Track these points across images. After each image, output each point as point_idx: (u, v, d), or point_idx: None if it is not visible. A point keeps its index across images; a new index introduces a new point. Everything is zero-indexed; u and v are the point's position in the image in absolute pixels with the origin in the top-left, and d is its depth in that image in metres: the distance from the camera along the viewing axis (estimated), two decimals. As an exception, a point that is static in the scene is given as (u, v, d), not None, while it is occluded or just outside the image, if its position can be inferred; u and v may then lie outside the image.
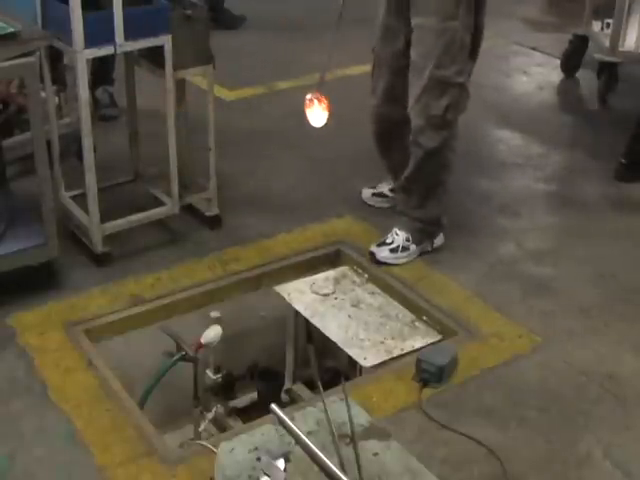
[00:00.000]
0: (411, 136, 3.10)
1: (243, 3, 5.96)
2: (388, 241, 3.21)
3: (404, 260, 3.20)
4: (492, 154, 4.28)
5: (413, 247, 3.22)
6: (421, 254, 3.25)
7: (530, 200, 3.78)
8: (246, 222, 3.50)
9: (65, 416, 2.46)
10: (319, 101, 3.05)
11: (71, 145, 3.54)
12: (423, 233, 3.24)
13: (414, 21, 2.97)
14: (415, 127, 3.07)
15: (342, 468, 1.79)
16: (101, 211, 3.11)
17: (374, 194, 3.61)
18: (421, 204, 3.22)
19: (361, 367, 2.85)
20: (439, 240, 3.31)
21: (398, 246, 3.19)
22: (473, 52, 3.05)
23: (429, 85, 2.98)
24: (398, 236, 3.21)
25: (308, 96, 3.08)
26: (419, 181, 3.19)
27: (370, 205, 3.59)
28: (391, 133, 3.29)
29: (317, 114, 3.09)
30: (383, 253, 3.20)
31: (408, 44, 3.04)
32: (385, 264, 3.19)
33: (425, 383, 2.61)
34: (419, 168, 3.14)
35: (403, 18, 3.02)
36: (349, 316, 3.00)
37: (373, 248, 3.22)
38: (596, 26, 4.88)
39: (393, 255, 3.20)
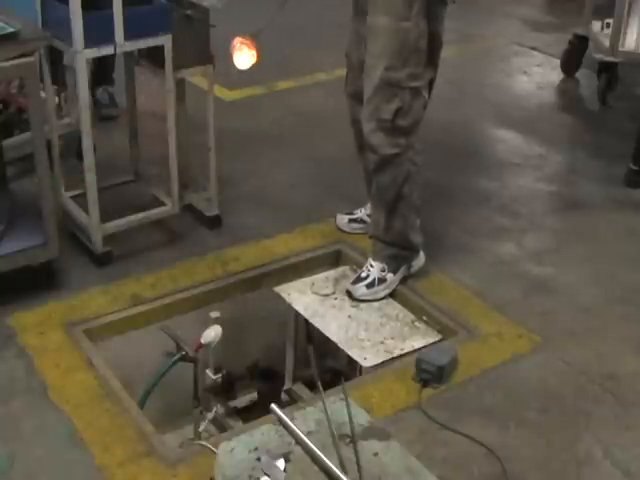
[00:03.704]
0: (364, 140, 2.95)
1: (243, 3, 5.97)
2: (363, 275, 3.07)
3: (383, 293, 3.06)
4: (492, 154, 4.28)
5: (390, 276, 3.06)
6: (404, 278, 3.11)
7: (530, 200, 3.78)
8: (246, 222, 3.50)
9: (65, 416, 2.46)
10: (249, 46, 2.89)
11: (71, 145, 3.54)
12: (398, 259, 3.08)
13: (368, 21, 2.87)
14: (366, 130, 2.91)
15: (342, 468, 1.79)
16: (101, 211, 3.11)
17: (351, 220, 3.44)
18: (388, 223, 3.03)
19: (361, 367, 2.85)
20: (419, 262, 3.16)
21: (374, 280, 3.04)
22: (431, 60, 2.92)
23: (379, 87, 2.84)
24: (373, 268, 3.06)
25: (239, 39, 2.91)
26: (380, 192, 3.02)
27: (345, 232, 3.42)
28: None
29: (244, 57, 2.91)
30: (360, 291, 3.05)
31: None
32: (365, 301, 3.06)
33: (425, 383, 2.61)
34: (376, 175, 2.98)
35: (366, 20, 2.91)
36: (349, 316, 3.00)
37: (349, 286, 3.08)
38: (596, 26, 4.89)
39: (371, 290, 3.05)
